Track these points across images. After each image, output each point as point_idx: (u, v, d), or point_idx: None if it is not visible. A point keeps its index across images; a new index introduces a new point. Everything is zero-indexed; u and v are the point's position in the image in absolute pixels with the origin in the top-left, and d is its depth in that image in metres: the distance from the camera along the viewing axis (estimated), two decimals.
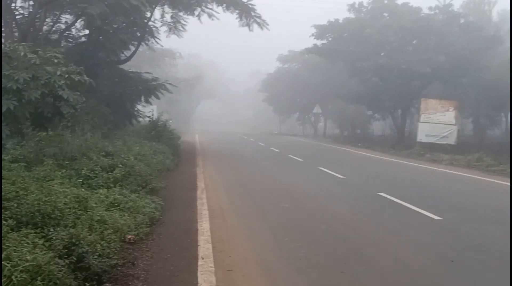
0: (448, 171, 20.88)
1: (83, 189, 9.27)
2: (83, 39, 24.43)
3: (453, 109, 32.99)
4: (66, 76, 10.89)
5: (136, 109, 29.35)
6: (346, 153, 31.00)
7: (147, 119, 26.99)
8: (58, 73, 10.71)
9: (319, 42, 41.73)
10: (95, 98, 23.26)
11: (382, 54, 37.91)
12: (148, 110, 30.04)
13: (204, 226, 9.15)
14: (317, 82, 58.21)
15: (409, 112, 43.29)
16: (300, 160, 23.80)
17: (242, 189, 14.43)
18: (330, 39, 40.42)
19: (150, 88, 26.83)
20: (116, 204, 8.92)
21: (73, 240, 5.84)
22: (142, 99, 27.37)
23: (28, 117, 10.86)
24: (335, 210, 11.43)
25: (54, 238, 5.81)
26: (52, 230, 6.13)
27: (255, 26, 27.94)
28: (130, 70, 29.00)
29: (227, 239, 8.33)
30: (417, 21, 35.76)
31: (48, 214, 6.39)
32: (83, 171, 10.82)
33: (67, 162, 11.53)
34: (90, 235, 6.41)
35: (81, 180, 10.14)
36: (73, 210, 7.14)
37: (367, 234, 9.21)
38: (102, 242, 6.43)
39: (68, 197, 7.49)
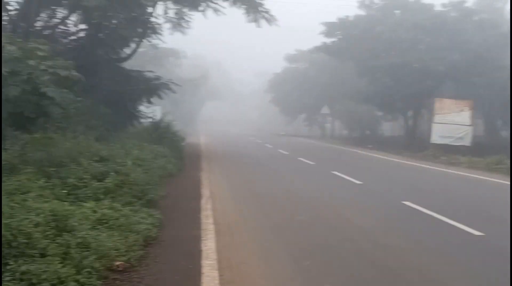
0: (470, 175, 19.43)
1: (66, 202, 7.92)
2: (80, 34, 23.02)
3: (468, 109, 31.57)
4: (51, 71, 9.52)
5: (138, 109, 28.02)
6: (357, 155, 29.57)
7: (150, 120, 25.61)
8: (42, 67, 9.35)
9: (328, 40, 40.36)
10: (93, 98, 21.98)
11: (393, 53, 36.50)
12: (152, 111, 28.86)
13: (209, 245, 7.76)
14: (325, 82, 56.79)
15: (420, 112, 41.80)
16: (312, 163, 22.38)
17: (251, 197, 13.00)
18: (340, 37, 39.03)
19: (152, 88, 25.50)
20: (105, 221, 7.52)
21: (34, 281, 4.42)
22: (144, 99, 25.99)
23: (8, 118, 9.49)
24: (357, 223, 10.01)
25: (8, 277, 4.40)
26: (12, 263, 4.74)
27: (263, 22, 26.48)
28: (132, 69, 27.70)
29: (236, 264, 6.92)
30: (430, 18, 34.31)
31: (8, 243, 4.98)
32: (70, 180, 9.47)
33: (53, 168, 10.18)
34: (63, 267, 5.03)
35: (66, 191, 8.78)
36: (46, 233, 5.75)
37: (401, 255, 7.78)
38: (78, 277, 5.04)
39: (42, 215, 6.09)
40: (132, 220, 7.93)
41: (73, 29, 23.51)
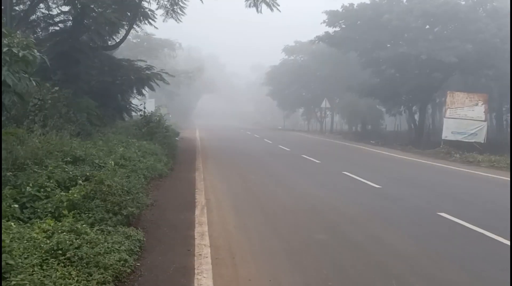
0: (497, 177, 17.38)
1: (13, 224, 5.87)
2: (63, 18, 20.87)
3: (482, 103, 29.46)
4: (5, 50, 7.44)
5: (128, 101, 25.91)
6: (364, 152, 27.43)
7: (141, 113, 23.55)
8: None
9: (330, 31, 38.25)
10: (77, 88, 19.89)
11: (400, 43, 34.44)
12: (141, 103, 26.69)
13: (204, 283, 5.73)
14: (325, 75, 54.84)
15: (427, 106, 39.86)
16: (317, 161, 20.29)
17: (255, 205, 10.88)
18: (343, 26, 36.85)
19: (143, 78, 23.36)
20: (61, 252, 5.45)
21: None
22: (135, 90, 23.87)
23: None
24: (394, 244, 7.91)
25: None
26: None
27: (263, 6, 24.35)
28: (122, 58, 25.58)
29: None
30: (441, 5, 32.13)
31: None
32: (28, 188, 7.40)
33: (11, 173, 8.13)
34: None
35: (18, 206, 6.73)
36: None
37: None
38: None
39: None
40: (100, 248, 5.85)
41: (55, 12, 21.45)
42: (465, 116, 29.32)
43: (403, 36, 33.84)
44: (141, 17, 23.16)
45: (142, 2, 22.97)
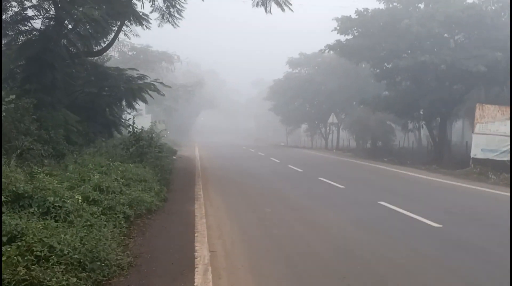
0: None
1: None
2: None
3: None
4: None
5: (118, 116, 22.73)
6: (389, 174, 23.71)
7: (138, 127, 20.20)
8: None
9: (341, 40, 35.03)
10: (56, 101, 16.73)
11: (418, 52, 31.20)
12: (141, 119, 23.54)
13: None
14: (332, 88, 51.65)
15: (447, 121, 36.56)
16: (341, 186, 16.90)
17: (282, 261, 7.49)
18: (356, 33, 33.66)
19: (134, 88, 20.18)
20: None
21: None
22: (124, 102, 20.67)
23: None
24: None
25: None
26: None
27: (273, 6, 21.22)
28: (110, 66, 22.43)
29: None
30: (466, 9, 29.02)
31: None
32: None
33: None
34: None
35: None
36: None
37: None
38: None
39: None
40: None
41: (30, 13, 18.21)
42: (496, 132, 26.03)
43: (424, 43, 30.66)
44: (132, 17, 19.93)
45: (133, 1, 19.89)
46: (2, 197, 6.61)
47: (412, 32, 29.29)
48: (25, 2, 17.09)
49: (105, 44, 20.30)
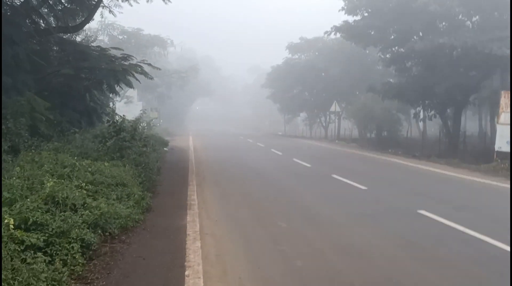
0: None
1: None
2: None
3: None
4: None
5: (100, 103, 19.93)
6: (409, 169, 20.65)
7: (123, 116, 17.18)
8: None
9: (349, 20, 32.15)
10: (20, 83, 13.93)
11: (430, 36, 28.30)
12: (134, 107, 20.78)
13: None
14: (334, 75, 48.80)
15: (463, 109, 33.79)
16: (363, 188, 14.05)
17: None
18: (365, 14, 30.76)
19: (118, 70, 17.28)
20: None
21: None
22: (105, 85, 17.81)
23: None
24: None
25: None
26: None
27: None
28: (90, 45, 19.57)
29: None
30: None
31: None
32: None
33: None
34: None
35: None
36: None
37: None
38: None
39: None
40: None
41: None
42: None
43: (441, 24, 27.86)
44: None
45: None
46: None
47: (429, 12, 26.46)
48: None
49: (84, 18, 17.37)
